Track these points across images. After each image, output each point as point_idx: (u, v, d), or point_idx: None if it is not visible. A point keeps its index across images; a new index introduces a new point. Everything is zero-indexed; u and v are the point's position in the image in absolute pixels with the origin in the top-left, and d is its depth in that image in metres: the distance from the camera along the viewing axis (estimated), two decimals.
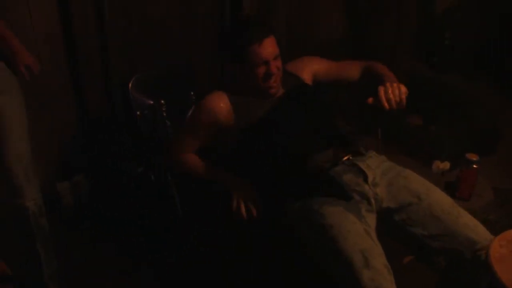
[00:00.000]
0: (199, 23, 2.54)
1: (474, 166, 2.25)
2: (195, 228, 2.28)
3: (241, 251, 1.94)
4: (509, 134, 2.89)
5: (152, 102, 2.43)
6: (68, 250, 2.17)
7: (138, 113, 2.36)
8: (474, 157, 2.25)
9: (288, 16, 2.86)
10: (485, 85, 3.35)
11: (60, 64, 2.15)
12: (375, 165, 1.73)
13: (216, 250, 2.09)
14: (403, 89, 1.63)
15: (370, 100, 1.61)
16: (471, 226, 1.62)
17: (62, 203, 2.35)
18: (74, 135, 2.33)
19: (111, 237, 2.34)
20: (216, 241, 2.07)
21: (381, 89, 1.60)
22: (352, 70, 1.96)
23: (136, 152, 2.47)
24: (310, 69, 1.96)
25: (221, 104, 1.80)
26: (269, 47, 1.71)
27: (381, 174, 1.71)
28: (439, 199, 1.69)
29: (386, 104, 1.58)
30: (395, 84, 1.62)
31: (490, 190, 2.36)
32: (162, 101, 2.45)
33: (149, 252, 2.30)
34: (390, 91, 1.59)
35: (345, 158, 1.73)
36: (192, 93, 2.54)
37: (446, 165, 2.52)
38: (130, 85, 2.33)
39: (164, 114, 2.47)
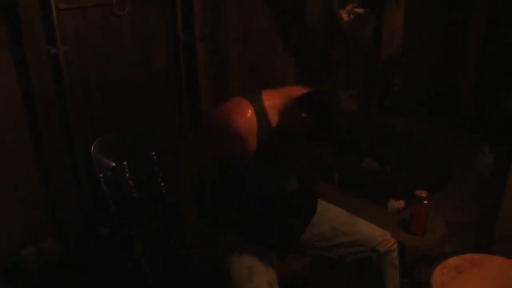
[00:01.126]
0: (157, 80, 2.64)
1: (425, 202, 2.36)
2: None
3: None
4: (458, 171, 3.03)
5: (114, 164, 2.51)
6: None
7: (101, 175, 2.44)
8: (423, 193, 2.37)
9: (243, 78, 2.98)
10: (438, 126, 3.53)
11: (20, 127, 2.19)
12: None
13: None
14: None
15: None
16: (366, 228, 1.90)
17: (26, 270, 2.36)
18: (38, 199, 2.35)
19: None
20: None
21: None
22: None
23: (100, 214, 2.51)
24: None
25: (249, 123, 1.57)
26: None
27: None
28: (336, 213, 1.94)
29: None
30: None
31: (443, 224, 2.46)
32: (125, 163, 2.54)
33: None
34: None
35: None
36: (153, 153, 2.63)
37: (400, 203, 2.63)
38: (92, 147, 2.42)
39: (127, 175, 2.55)
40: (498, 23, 3.56)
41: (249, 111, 1.54)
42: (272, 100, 1.59)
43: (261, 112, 1.56)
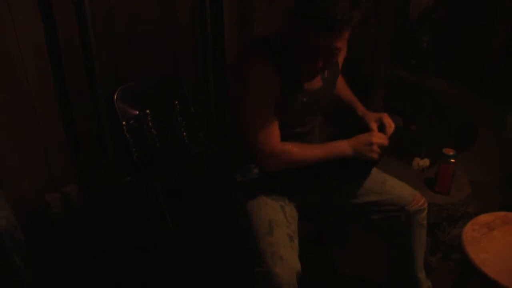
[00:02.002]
0: (182, 33, 2.59)
1: (452, 160, 2.32)
2: (186, 242, 2.34)
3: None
4: (484, 132, 2.98)
5: (137, 112, 2.50)
6: (55, 263, 2.19)
7: (123, 123, 2.43)
8: (451, 152, 2.33)
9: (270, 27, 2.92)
10: (464, 87, 3.46)
11: (46, 76, 2.18)
12: None
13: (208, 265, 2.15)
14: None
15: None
16: (396, 187, 1.87)
17: (52, 215, 2.39)
18: (61, 146, 2.36)
19: (100, 253, 2.35)
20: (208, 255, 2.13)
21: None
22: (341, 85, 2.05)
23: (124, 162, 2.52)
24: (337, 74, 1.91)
25: (270, 70, 1.62)
26: (345, 36, 1.53)
27: None
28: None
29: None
30: (393, 125, 1.80)
31: (468, 184, 2.43)
32: (148, 111, 2.53)
33: (139, 269, 2.31)
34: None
35: None
36: (176, 102, 2.61)
37: (426, 162, 2.60)
38: (115, 96, 2.40)
39: (150, 124, 2.54)
40: None
41: (261, 51, 1.62)
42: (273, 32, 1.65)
43: (270, 48, 1.63)
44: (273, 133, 1.66)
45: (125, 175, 2.53)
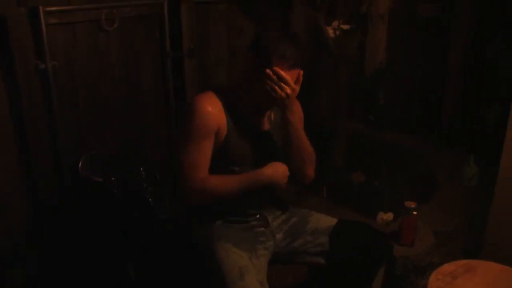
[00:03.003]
0: (146, 99, 2.65)
1: (414, 212, 2.37)
2: None
3: None
4: (443, 182, 3.08)
5: (101, 180, 2.49)
6: None
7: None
8: (412, 204, 2.38)
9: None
10: (421, 139, 3.60)
11: (7, 145, 2.15)
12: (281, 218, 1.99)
13: None
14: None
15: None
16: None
17: None
18: (23, 217, 2.32)
19: None
20: None
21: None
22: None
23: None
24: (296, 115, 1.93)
25: (216, 105, 1.75)
26: (296, 73, 1.74)
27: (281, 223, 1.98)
28: (317, 216, 2.03)
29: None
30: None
31: (431, 234, 2.48)
32: (113, 179, 2.53)
33: None
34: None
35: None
36: (141, 168, 2.62)
37: (389, 216, 2.66)
38: (79, 165, 2.41)
39: (115, 191, 2.53)
40: (479, 40, 3.67)
41: (210, 93, 1.77)
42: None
43: (221, 90, 1.79)
44: (199, 166, 1.73)
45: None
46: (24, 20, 2.01)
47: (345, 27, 2.97)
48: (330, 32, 2.91)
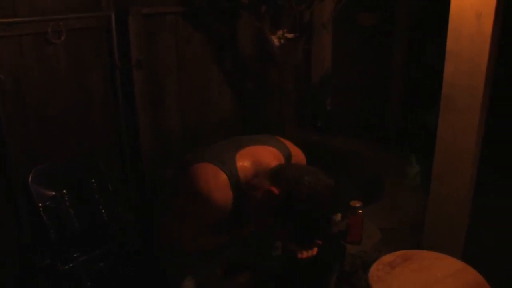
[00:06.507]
0: (96, 109, 2.67)
1: (359, 211, 2.48)
2: None
3: None
4: (389, 182, 3.21)
5: (54, 193, 2.49)
6: None
7: (40, 204, 2.41)
8: (357, 204, 2.49)
9: (180, 103, 3.07)
10: (368, 143, 3.74)
11: None
12: None
13: None
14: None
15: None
16: None
17: None
18: None
19: None
20: None
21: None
22: None
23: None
24: None
25: (226, 197, 1.56)
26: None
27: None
28: None
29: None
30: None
31: (378, 231, 2.59)
32: (64, 191, 2.53)
33: None
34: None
35: None
36: (93, 180, 2.63)
37: (337, 216, 2.75)
38: (30, 177, 2.39)
39: (67, 204, 2.53)
40: (418, 48, 3.86)
41: (225, 186, 1.54)
42: (247, 172, 1.58)
43: (236, 188, 1.56)
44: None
45: (42, 258, 2.48)
46: None
47: (290, 35, 3.06)
48: (275, 41, 3.00)
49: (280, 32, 3.08)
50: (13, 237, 2.41)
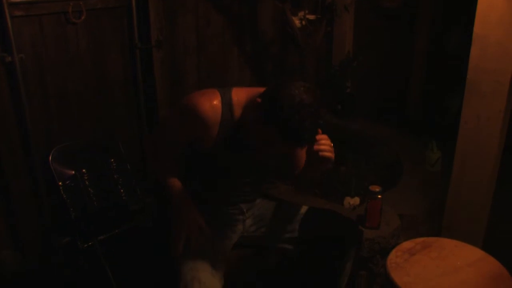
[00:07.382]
0: (115, 91, 2.67)
1: (378, 196, 2.45)
2: None
3: None
4: (408, 168, 3.17)
5: (73, 172, 2.51)
6: None
7: (60, 183, 2.44)
8: (377, 188, 2.45)
9: (199, 85, 3.04)
10: (388, 127, 3.69)
11: None
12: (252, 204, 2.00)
13: None
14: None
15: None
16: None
17: None
18: None
19: None
20: None
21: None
22: None
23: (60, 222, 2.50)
24: None
25: (214, 110, 1.66)
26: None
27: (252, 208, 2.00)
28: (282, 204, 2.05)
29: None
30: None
31: (397, 217, 2.57)
32: (84, 170, 2.55)
33: None
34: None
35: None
36: (112, 160, 2.64)
37: (356, 200, 2.73)
38: (50, 157, 2.42)
39: (87, 183, 2.55)
40: (441, 31, 3.79)
41: (216, 101, 1.66)
42: (240, 96, 1.69)
43: (227, 105, 1.67)
44: (166, 147, 1.78)
45: (63, 237, 2.51)
46: None
47: (311, 17, 3.01)
48: (297, 22, 2.96)
49: (301, 14, 3.03)
50: (34, 216, 2.43)
